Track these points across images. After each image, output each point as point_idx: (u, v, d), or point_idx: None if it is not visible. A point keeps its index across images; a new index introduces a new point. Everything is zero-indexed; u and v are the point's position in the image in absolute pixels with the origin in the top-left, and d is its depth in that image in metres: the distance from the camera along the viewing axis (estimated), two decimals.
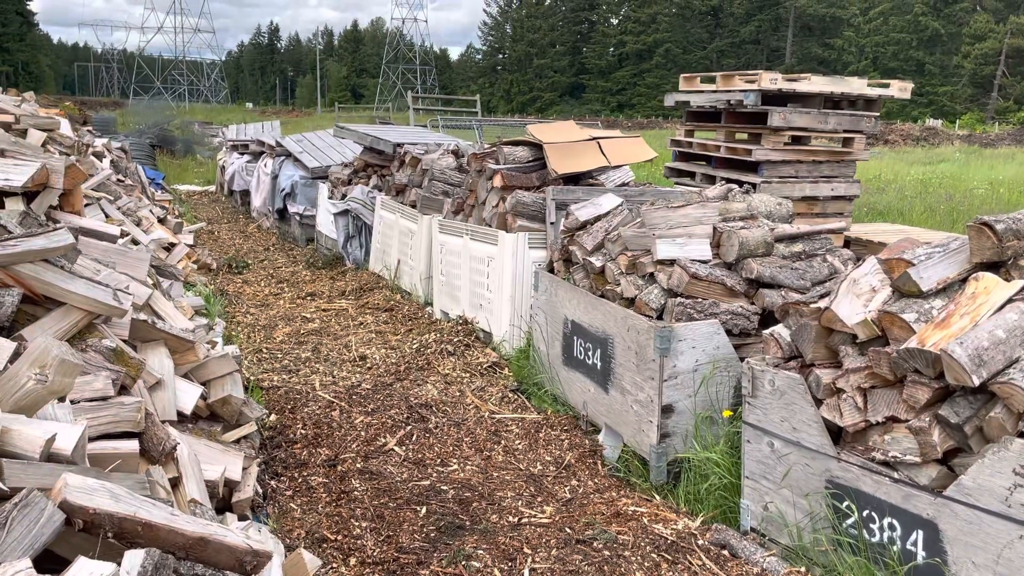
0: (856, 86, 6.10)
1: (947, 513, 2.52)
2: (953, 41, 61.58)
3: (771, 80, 5.93)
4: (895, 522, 2.69)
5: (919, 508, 2.61)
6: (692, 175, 7.03)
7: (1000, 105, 56.51)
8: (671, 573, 3.02)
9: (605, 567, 3.05)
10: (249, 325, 6.40)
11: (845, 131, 6.20)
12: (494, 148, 6.05)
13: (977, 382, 2.42)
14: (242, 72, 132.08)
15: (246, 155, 13.33)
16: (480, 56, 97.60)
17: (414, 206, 7.07)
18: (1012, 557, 2.36)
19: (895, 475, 2.69)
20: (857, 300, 3.01)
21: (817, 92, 6.10)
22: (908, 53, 63.16)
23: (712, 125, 6.83)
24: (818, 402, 2.99)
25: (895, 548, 2.69)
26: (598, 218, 4.58)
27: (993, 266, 2.86)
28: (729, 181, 6.17)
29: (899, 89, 6.19)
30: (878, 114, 6.26)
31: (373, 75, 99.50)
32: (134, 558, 1.52)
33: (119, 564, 1.51)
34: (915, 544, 2.64)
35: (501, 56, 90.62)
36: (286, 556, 2.64)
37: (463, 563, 3.03)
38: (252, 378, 4.84)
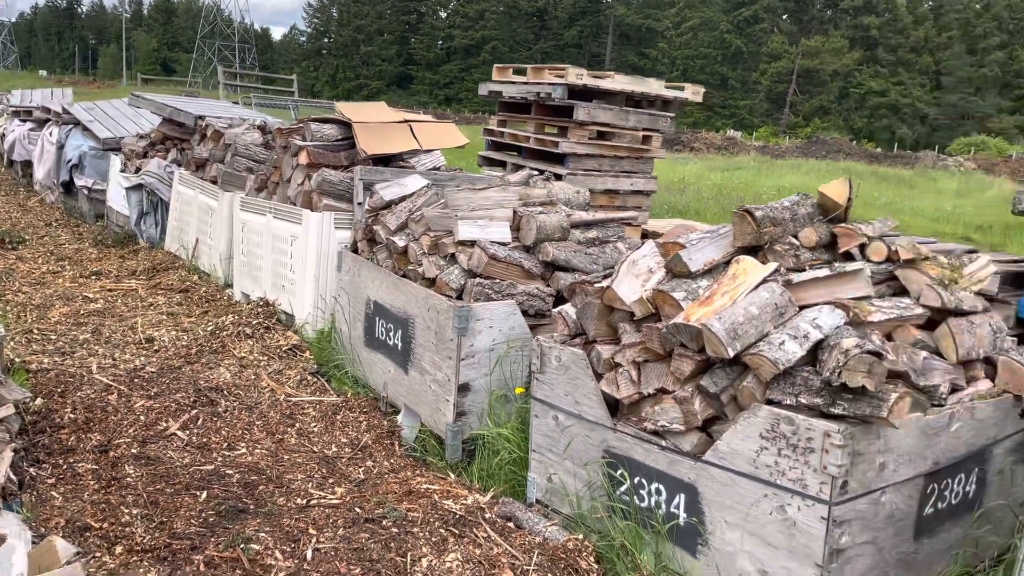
0: (654, 87, 6.45)
1: (705, 476, 2.72)
2: (753, 59, 66.92)
3: (577, 76, 6.15)
4: (661, 487, 2.87)
5: (682, 473, 2.80)
6: (504, 165, 7.17)
7: (791, 120, 62.09)
8: (457, 546, 3.05)
9: (392, 543, 3.03)
10: (20, 304, 5.82)
11: (644, 129, 6.55)
12: (301, 124, 5.86)
13: (732, 354, 2.62)
14: (35, 36, 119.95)
15: (29, 122, 12.12)
16: (305, 38, 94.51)
17: (215, 182, 6.72)
18: (758, 515, 2.58)
19: (663, 443, 2.87)
20: (636, 280, 3.18)
21: (619, 90, 6.40)
22: (714, 67, 67.91)
23: (523, 116, 6.99)
24: (599, 376, 3.13)
25: (661, 511, 2.87)
26: (403, 198, 4.55)
27: (754, 250, 3.11)
28: (538, 172, 6.34)
29: (692, 92, 6.62)
30: (673, 115, 6.66)
31: (187, 49, 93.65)
32: None
33: None
34: (678, 507, 2.82)
35: (327, 40, 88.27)
36: (36, 544, 2.41)
37: (242, 546, 2.91)
38: (17, 359, 4.40)
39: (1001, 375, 2.91)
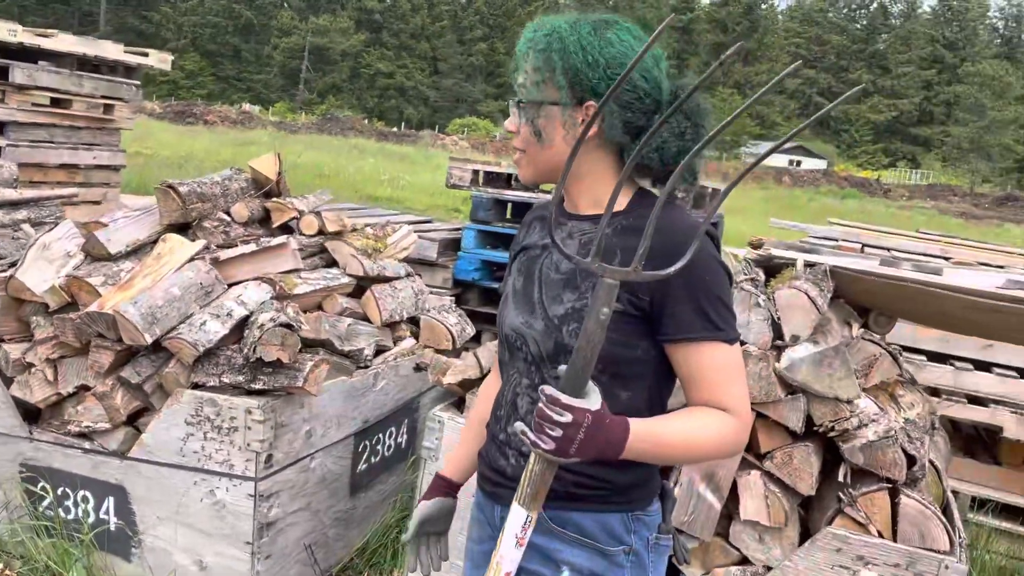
0: (112, 51, 5.87)
1: (133, 474, 2.52)
2: (265, 32, 66.20)
3: (10, 32, 5.28)
4: (88, 494, 2.60)
5: (108, 474, 2.55)
6: None
7: (307, 97, 63.09)
8: None
9: None
10: None
11: (104, 97, 5.93)
12: None
13: (150, 340, 2.45)
14: None
15: None
16: None
17: None
18: (189, 504, 2.47)
19: (87, 446, 2.59)
20: (50, 266, 2.80)
21: (69, 52, 5.67)
22: (225, 38, 65.59)
23: None
24: (10, 381, 2.70)
25: (90, 520, 2.60)
26: None
27: (185, 228, 2.96)
28: None
29: (159, 60, 6.18)
30: (139, 83, 6.15)
31: None
32: None
33: None
34: (108, 512, 2.58)
35: None
36: None
37: None
38: None
39: (422, 332, 3.22)
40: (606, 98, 1.10)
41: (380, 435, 2.98)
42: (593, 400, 1.15)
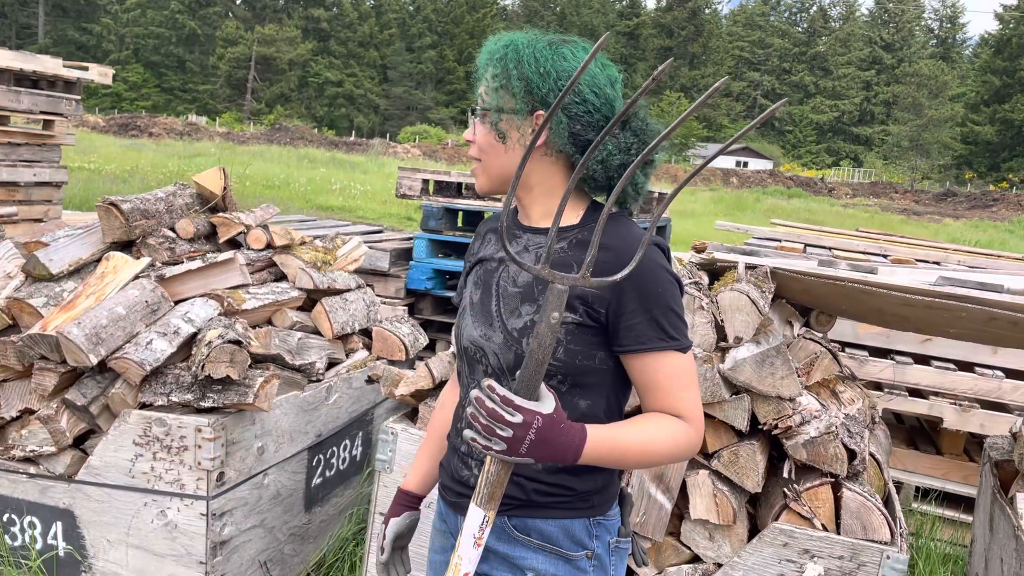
0: (50, 65, 5.74)
1: (81, 498, 2.48)
2: (210, 42, 65.20)
3: None
4: (35, 519, 2.54)
5: (56, 499, 2.50)
6: None
7: (254, 107, 62.29)
8: None
9: None
10: None
11: (43, 112, 5.80)
12: None
13: (95, 361, 2.41)
14: None
15: None
16: None
17: None
18: (140, 526, 2.43)
19: (32, 470, 2.53)
20: None
21: (6, 67, 5.54)
22: (169, 48, 64.46)
23: None
24: None
25: (38, 546, 2.54)
26: None
27: (128, 245, 2.92)
28: None
29: (99, 74, 6.06)
30: (80, 97, 6.03)
31: None
32: None
33: None
34: (56, 537, 2.53)
35: None
36: None
37: None
38: None
39: (375, 344, 3.22)
40: (554, 106, 1.12)
41: (334, 448, 2.97)
42: (546, 404, 1.18)
